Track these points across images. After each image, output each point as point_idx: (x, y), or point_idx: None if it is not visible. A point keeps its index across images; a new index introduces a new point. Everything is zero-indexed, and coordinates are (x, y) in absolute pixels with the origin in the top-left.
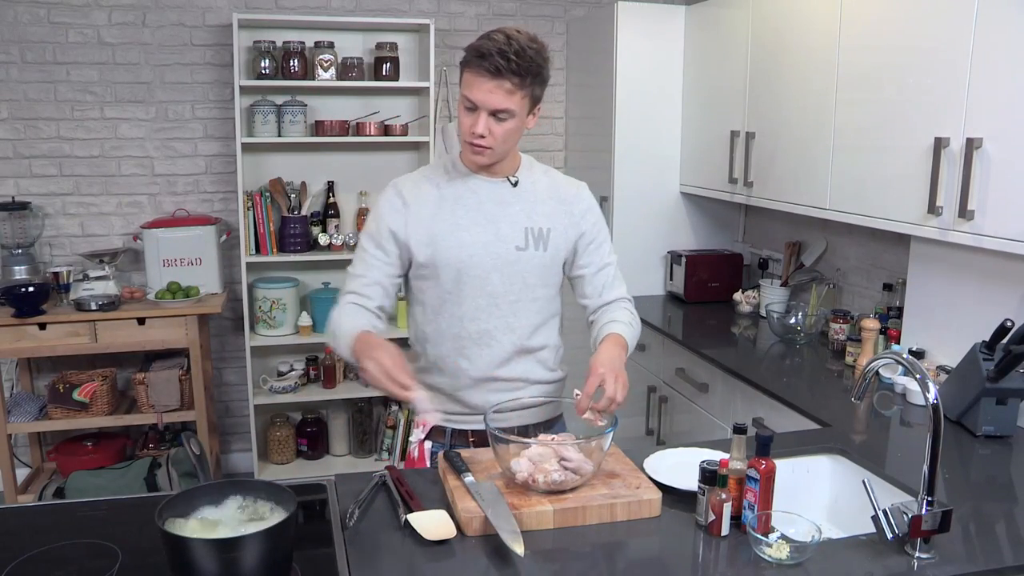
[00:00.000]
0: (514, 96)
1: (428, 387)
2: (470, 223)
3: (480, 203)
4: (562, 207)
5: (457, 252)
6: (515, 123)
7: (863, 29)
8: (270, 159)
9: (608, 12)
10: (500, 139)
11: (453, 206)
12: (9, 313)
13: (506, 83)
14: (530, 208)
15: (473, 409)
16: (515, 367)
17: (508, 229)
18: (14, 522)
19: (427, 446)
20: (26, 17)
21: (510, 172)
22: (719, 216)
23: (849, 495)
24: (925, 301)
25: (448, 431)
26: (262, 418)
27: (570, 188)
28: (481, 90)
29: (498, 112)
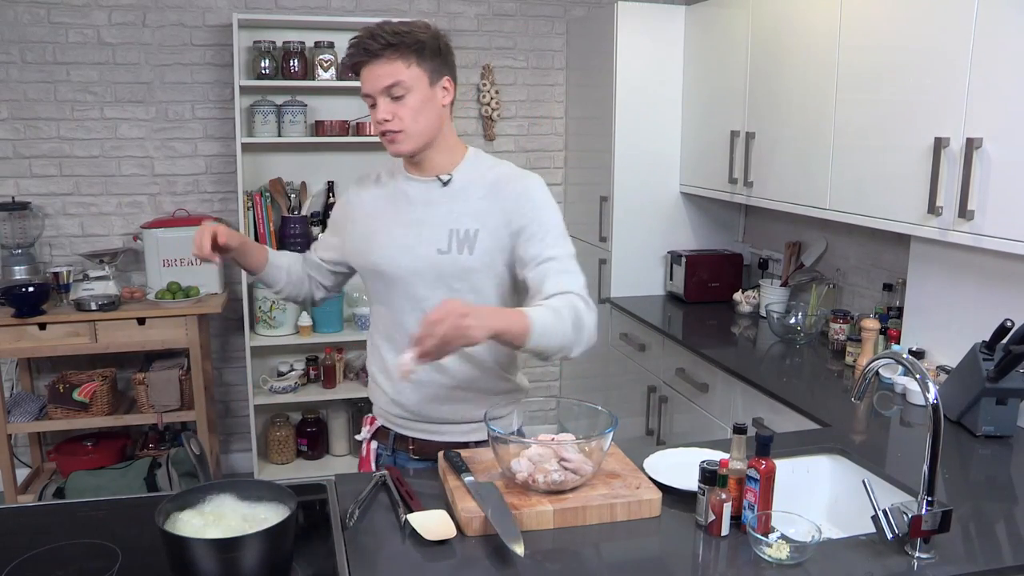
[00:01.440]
0: (398, 68)
1: (377, 386)
2: (396, 225)
3: (409, 204)
4: (496, 204)
5: (381, 254)
6: (417, 98)
7: (863, 29)
8: (270, 159)
9: (608, 12)
10: (408, 118)
11: (385, 207)
12: (9, 313)
13: (384, 59)
14: (459, 208)
15: (413, 415)
16: (453, 374)
17: (431, 231)
18: (14, 522)
19: (373, 446)
20: (26, 17)
21: (444, 169)
22: (719, 216)
23: (849, 495)
24: (925, 301)
25: (392, 435)
26: (262, 418)
27: (510, 183)
28: (367, 77)
29: (390, 88)
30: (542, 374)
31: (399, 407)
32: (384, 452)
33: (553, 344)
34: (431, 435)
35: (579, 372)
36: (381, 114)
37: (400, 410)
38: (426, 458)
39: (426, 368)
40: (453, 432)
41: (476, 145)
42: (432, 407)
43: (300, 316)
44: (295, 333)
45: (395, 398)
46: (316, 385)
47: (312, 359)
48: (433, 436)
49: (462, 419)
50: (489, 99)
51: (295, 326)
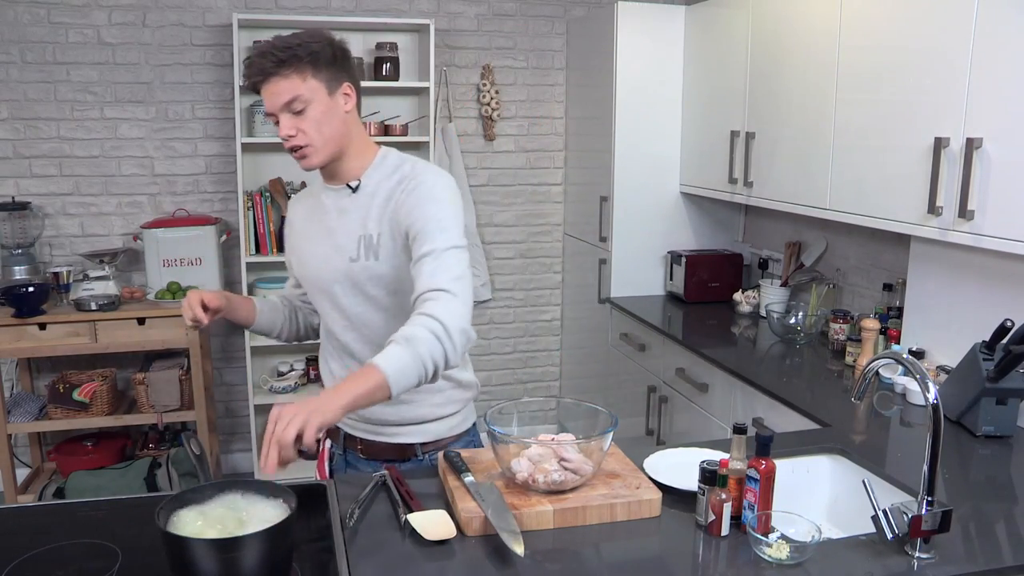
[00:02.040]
0: (295, 84)
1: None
2: (315, 236)
3: (325, 214)
4: (391, 205)
5: (305, 267)
6: (318, 110)
7: (863, 29)
8: (270, 159)
9: (608, 12)
10: (312, 131)
11: (308, 220)
12: (9, 313)
13: (277, 77)
14: (365, 214)
15: (359, 417)
16: None
17: (344, 239)
18: (14, 522)
19: (327, 444)
20: (26, 17)
21: (355, 175)
22: (719, 216)
23: (849, 495)
24: (925, 301)
25: (342, 434)
26: (262, 418)
27: (405, 182)
28: (266, 95)
29: (290, 104)
30: (543, 374)
31: None
32: (336, 451)
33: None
34: (376, 436)
35: (579, 372)
36: (284, 130)
37: None
38: (373, 458)
39: None
40: (397, 434)
41: (476, 145)
42: (374, 409)
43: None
44: None
45: None
46: (316, 385)
47: (312, 359)
48: (378, 437)
49: (404, 420)
50: (489, 99)
51: None
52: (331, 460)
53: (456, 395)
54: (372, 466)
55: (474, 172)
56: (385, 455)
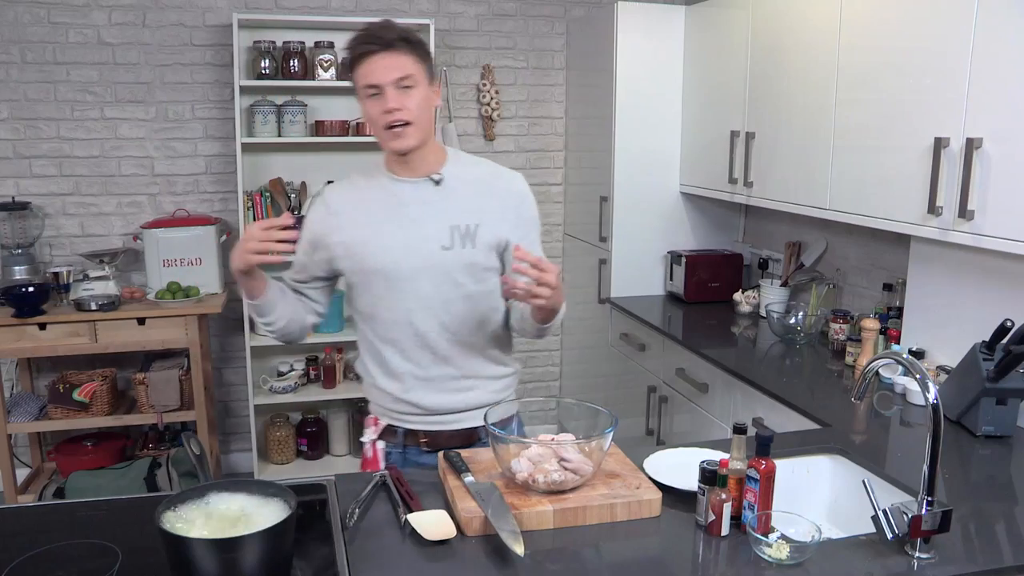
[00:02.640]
0: (409, 62)
1: (379, 389)
2: (393, 227)
3: (402, 204)
4: (492, 201)
5: (381, 257)
6: (422, 93)
7: (863, 29)
8: (270, 159)
9: (608, 12)
10: (415, 110)
11: (374, 210)
12: (9, 313)
13: (397, 51)
14: (455, 205)
15: (423, 410)
16: (460, 365)
17: (432, 229)
18: (14, 522)
19: (380, 446)
20: (26, 17)
21: (433, 170)
22: (719, 216)
23: (849, 495)
24: (925, 301)
25: (400, 432)
26: (262, 418)
27: (501, 180)
28: (378, 67)
29: (401, 80)
30: (543, 374)
31: (409, 404)
32: (394, 450)
33: (556, 323)
34: (442, 426)
35: (579, 372)
36: (392, 103)
37: (410, 407)
38: (438, 448)
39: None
40: (462, 420)
41: (476, 145)
42: (443, 399)
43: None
44: None
45: (403, 397)
46: (316, 385)
47: (312, 359)
48: (444, 427)
49: (469, 406)
50: (489, 99)
51: None
52: (387, 459)
53: (509, 381)
54: (434, 458)
55: None
56: (451, 443)
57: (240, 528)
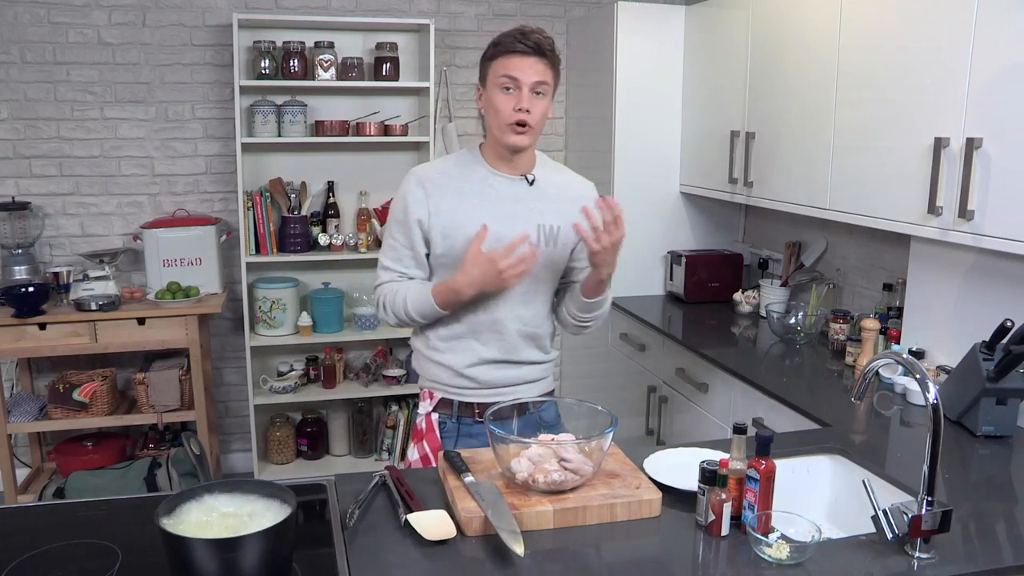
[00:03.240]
0: (549, 73)
1: (439, 364)
2: (488, 217)
3: (499, 198)
4: (571, 206)
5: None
6: (547, 103)
7: (863, 29)
8: (270, 159)
9: (608, 12)
10: (539, 117)
11: (473, 200)
12: (9, 313)
13: (543, 60)
14: (544, 206)
15: (481, 384)
16: (521, 351)
17: (522, 225)
18: (14, 522)
19: (435, 417)
20: (26, 17)
21: (528, 169)
22: (719, 216)
23: (849, 495)
24: (925, 301)
25: (455, 404)
26: (262, 418)
27: (580, 187)
28: (523, 65)
29: (539, 85)
30: None
31: (469, 380)
32: (448, 420)
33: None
34: (499, 397)
35: (579, 372)
36: (524, 103)
37: (467, 381)
38: None
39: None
40: (515, 392)
41: None
42: (500, 375)
43: (300, 316)
44: (295, 333)
45: (465, 373)
46: (316, 385)
47: (312, 359)
48: (500, 398)
49: (524, 380)
50: None
51: (295, 326)
52: (442, 428)
53: (551, 366)
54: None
55: None
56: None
57: (240, 528)
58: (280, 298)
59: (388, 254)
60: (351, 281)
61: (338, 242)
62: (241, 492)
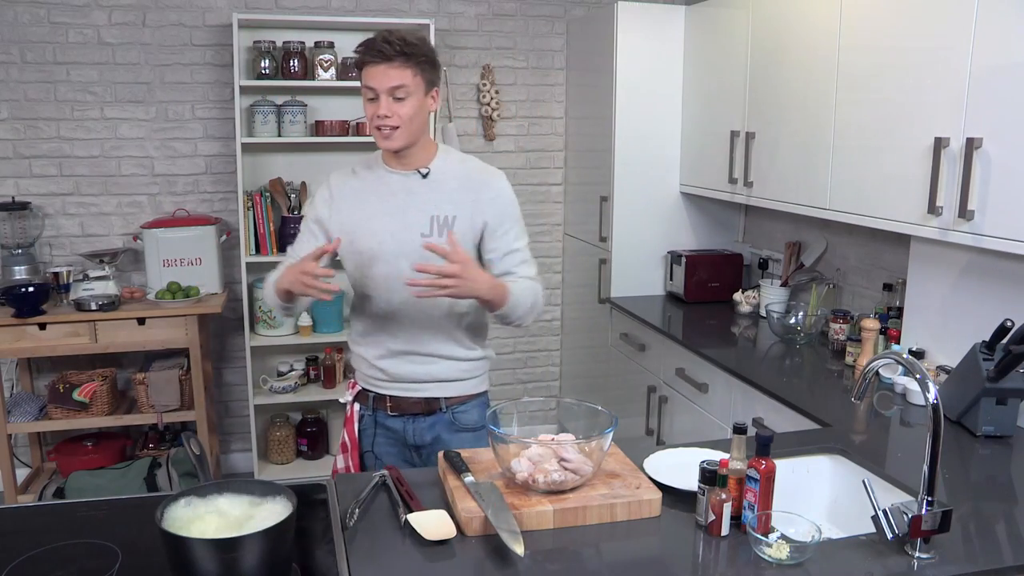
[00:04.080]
0: (406, 75)
1: (358, 356)
2: (381, 213)
3: (392, 194)
4: (470, 195)
5: (368, 240)
6: (415, 103)
7: (863, 29)
8: (270, 159)
9: (608, 12)
10: (406, 118)
11: (368, 197)
12: (9, 313)
13: (396, 64)
14: (438, 197)
15: (392, 377)
16: (430, 343)
17: (414, 217)
18: (14, 522)
19: (356, 408)
20: (26, 17)
21: (422, 164)
22: (719, 216)
23: (849, 495)
24: (925, 301)
25: (370, 396)
26: (262, 418)
27: (480, 176)
28: (376, 74)
29: (395, 90)
30: (543, 374)
31: (379, 371)
32: (366, 412)
33: (514, 315)
34: (407, 392)
35: (579, 372)
36: (383, 110)
37: (380, 374)
38: (402, 414)
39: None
40: (426, 390)
41: (476, 145)
42: (408, 369)
43: (300, 316)
44: (295, 333)
45: (376, 363)
46: (316, 385)
47: (312, 359)
48: (409, 393)
49: (433, 378)
50: (489, 99)
51: (295, 326)
52: (360, 421)
53: (477, 365)
54: (400, 422)
55: None
56: (413, 409)
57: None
58: None
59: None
60: None
61: None
62: (241, 492)
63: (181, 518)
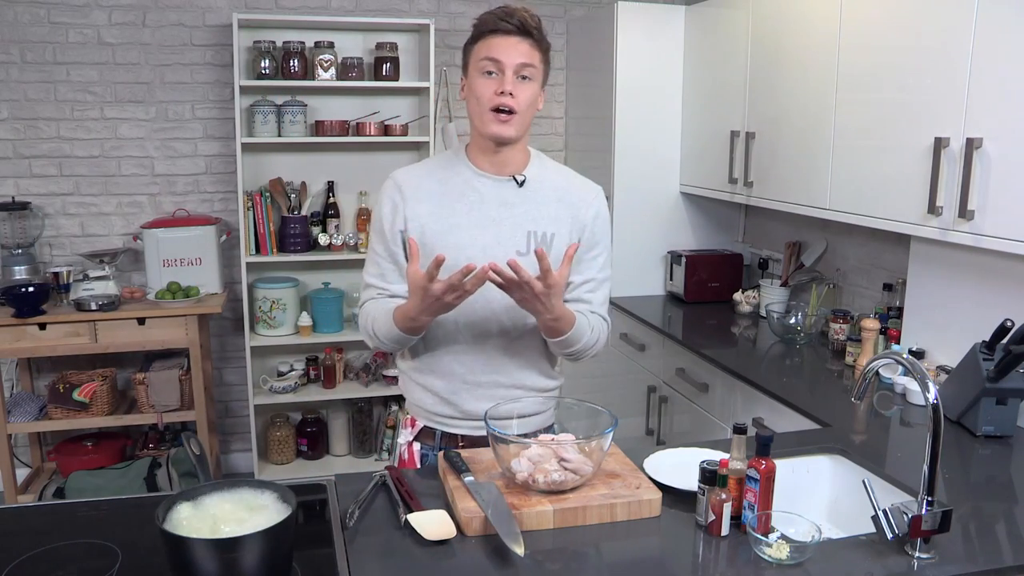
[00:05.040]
0: (536, 57)
1: (422, 387)
2: (470, 223)
3: (482, 202)
4: (569, 211)
5: (455, 254)
6: (535, 89)
7: (863, 29)
8: (270, 159)
9: (608, 12)
10: (525, 103)
11: (454, 204)
12: (9, 313)
13: (529, 41)
14: (535, 210)
15: (465, 414)
16: (510, 373)
17: (509, 232)
18: (14, 522)
19: (416, 447)
20: (26, 17)
21: (517, 169)
22: (719, 216)
23: (849, 495)
24: (925, 301)
25: (438, 434)
26: (262, 418)
27: (581, 191)
28: (506, 46)
29: (524, 68)
30: None
31: (452, 407)
32: (430, 452)
33: (572, 348)
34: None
35: (579, 372)
36: (508, 86)
37: (452, 410)
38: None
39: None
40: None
41: None
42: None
43: (300, 316)
44: (295, 333)
45: (449, 399)
46: (316, 385)
47: (312, 359)
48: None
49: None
50: None
51: (295, 326)
52: (423, 461)
53: (554, 395)
54: None
55: None
56: None
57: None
58: (280, 298)
59: (370, 269)
60: (351, 281)
61: (338, 242)
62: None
63: (181, 518)
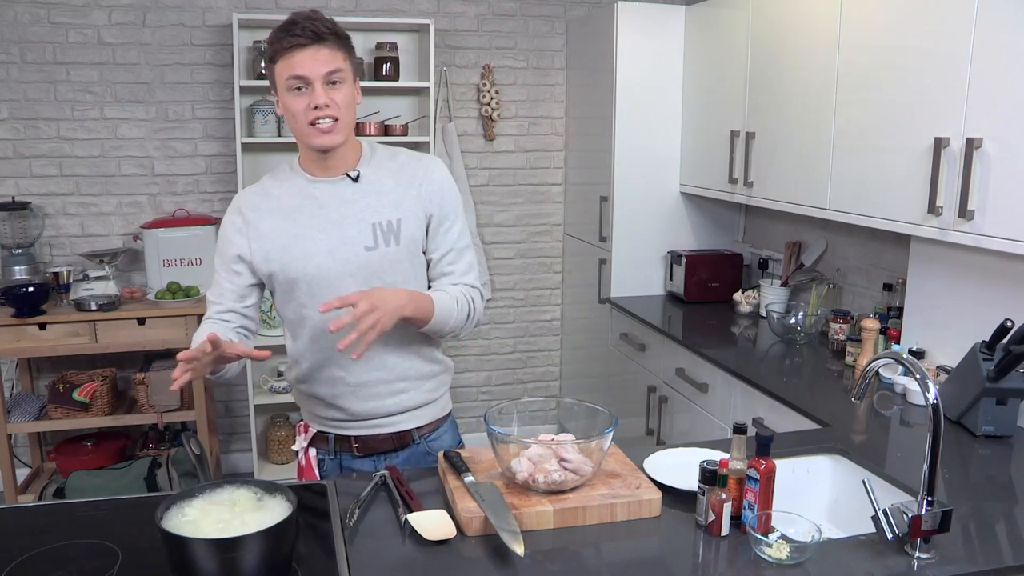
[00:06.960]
0: (338, 57)
1: (309, 396)
2: (312, 230)
3: (321, 207)
4: (410, 190)
5: (303, 264)
6: (348, 91)
7: (863, 29)
8: (270, 159)
9: (608, 12)
10: (343, 108)
11: (294, 216)
12: (9, 313)
13: (328, 45)
14: (375, 201)
15: (353, 416)
16: (391, 367)
17: (354, 230)
18: (14, 522)
19: (312, 453)
20: (26, 17)
21: (350, 166)
22: (719, 216)
23: (849, 495)
24: (925, 301)
25: (331, 438)
26: (262, 418)
27: (417, 168)
28: (306, 59)
29: (331, 74)
30: (543, 374)
31: (339, 411)
32: (326, 456)
33: (445, 329)
34: (375, 430)
35: (579, 372)
36: (321, 99)
37: (341, 413)
38: (371, 453)
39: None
40: (397, 423)
41: (476, 145)
42: (376, 404)
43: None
44: None
45: (334, 403)
46: None
47: None
48: (376, 431)
49: (403, 408)
50: (489, 99)
51: None
52: (321, 467)
53: (442, 380)
54: (369, 463)
55: (474, 172)
56: (384, 447)
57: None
58: None
59: (212, 287)
60: None
61: None
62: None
63: (181, 518)
